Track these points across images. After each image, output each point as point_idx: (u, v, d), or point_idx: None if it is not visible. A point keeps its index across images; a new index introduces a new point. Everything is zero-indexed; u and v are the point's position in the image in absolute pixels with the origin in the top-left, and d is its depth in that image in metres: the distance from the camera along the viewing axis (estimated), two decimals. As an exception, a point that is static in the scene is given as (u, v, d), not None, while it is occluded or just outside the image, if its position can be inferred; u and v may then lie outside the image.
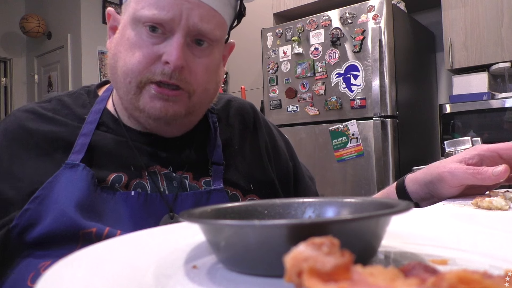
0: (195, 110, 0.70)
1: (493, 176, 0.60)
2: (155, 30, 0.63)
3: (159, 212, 0.65)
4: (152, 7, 0.62)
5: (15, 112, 0.72)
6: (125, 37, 0.66)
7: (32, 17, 4.49)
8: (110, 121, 0.72)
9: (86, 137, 0.67)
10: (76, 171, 0.62)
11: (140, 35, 0.64)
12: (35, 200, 0.60)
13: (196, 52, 0.66)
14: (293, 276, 0.19)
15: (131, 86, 0.65)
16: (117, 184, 0.65)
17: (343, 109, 2.49)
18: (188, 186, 0.70)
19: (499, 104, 2.24)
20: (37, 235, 0.58)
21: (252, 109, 0.87)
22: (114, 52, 0.67)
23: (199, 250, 0.33)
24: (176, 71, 0.63)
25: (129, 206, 0.64)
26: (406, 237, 0.36)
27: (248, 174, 0.77)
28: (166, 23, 0.62)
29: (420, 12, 3.07)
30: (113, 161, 0.67)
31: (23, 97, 4.96)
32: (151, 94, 0.64)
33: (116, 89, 0.70)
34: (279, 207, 0.37)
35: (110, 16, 0.72)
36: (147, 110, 0.65)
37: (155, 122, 0.68)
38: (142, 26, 0.64)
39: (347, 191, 2.44)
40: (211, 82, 0.69)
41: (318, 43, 2.60)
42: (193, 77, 0.65)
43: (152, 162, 0.70)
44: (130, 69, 0.64)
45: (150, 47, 0.63)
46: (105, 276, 0.26)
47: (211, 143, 0.76)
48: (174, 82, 0.64)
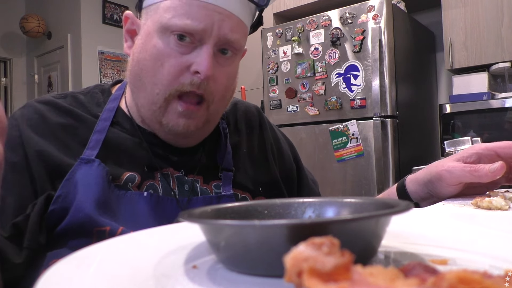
0: (212, 119, 0.70)
1: (490, 173, 0.61)
2: (183, 38, 0.63)
3: (171, 214, 0.65)
4: (184, 17, 0.62)
5: (31, 102, 0.71)
6: (151, 45, 0.65)
7: (32, 17, 4.48)
8: (124, 121, 0.72)
9: (100, 133, 0.67)
10: (92, 166, 0.62)
11: (168, 43, 0.64)
12: (58, 199, 0.60)
13: (221, 61, 0.66)
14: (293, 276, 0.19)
15: (158, 98, 0.65)
16: (130, 184, 0.65)
17: (343, 109, 2.49)
18: (199, 190, 0.71)
19: (499, 104, 2.24)
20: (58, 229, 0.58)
21: (257, 112, 0.88)
22: (138, 59, 0.67)
23: (199, 250, 0.33)
24: (204, 81, 0.63)
25: (141, 206, 0.64)
26: (406, 237, 0.36)
27: (256, 176, 0.78)
28: (197, 33, 0.62)
29: (420, 12, 3.07)
30: (127, 160, 0.67)
31: (23, 97, 4.96)
32: (177, 111, 0.65)
33: (138, 97, 0.69)
34: (279, 207, 0.37)
35: (127, 19, 0.71)
36: (171, 127, 0.66)
37: (174, 136, 0.69)
38: (170, 35, 0.63)
39: (347, 191, 2.44)
40: (228, 91, 0.70)
41: (318, 43, 2.60)
42: (216, 86, 0.66)
43: (164, 165, 0.70)
44: (159, 80, 0.64)
45: (178, 57, 0.63)
46: (105, 276, 0.26)
47: (221, 149, 0.76)
48: (201, 92, 0.64)
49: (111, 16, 4.46)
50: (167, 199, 0.66)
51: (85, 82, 4.20)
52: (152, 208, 0.64)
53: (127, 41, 0.72)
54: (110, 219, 0.60)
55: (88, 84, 0.79)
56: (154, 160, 0.69)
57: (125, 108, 0.74)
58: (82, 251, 0.30)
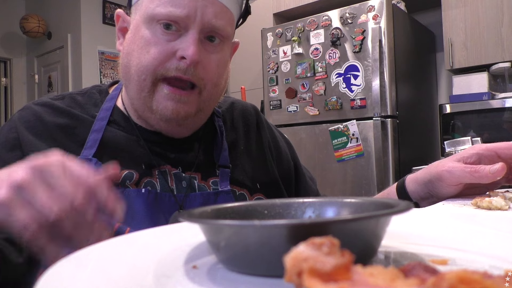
0: (205, 107, 0.70)
1: (490, 174, 0.61)
2: (169, 27, 0.64)
3: (169, 210, 0.66)
4: (167, 5, 0.63)
5: (29, 105, 0.72)
6: (139, 36, 0.66)
7: (32, 17, 4.48)
8: (121, 119, 0.72)
9: (97, 133, 0.68)
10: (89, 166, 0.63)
11: (155, 32, 0.65)
12: None
13: (209, 48, 0.67)
14: (293, 276, 0.19)
15: (145, 83, 0.65)
16: (128, 181, 0.66)
17: (343, 109, 2.49)
18: (197, 186, 0.71)
19: (499, 104, 2.24)
20: None
21: (254, 111, 0.88)
22: (127, 51, 0.68)
23: (199, 250, 0.33)
24: (191, 66, 0.64)
25: (140, 203, 0.64)
26: (406, 237, 0.36)
27: (254, 173, 0.78)
28: (181, 20, 0.63)
29: (420, 12, 3.07)
30: (124, 158, 0.68)
31: (23, 97, 4.96)
32: (164, 94, 0.65)
33: (129, 88, 0.70)
34: (279, 207, 0.37)
35: (119, 17, 0.73)
36: (160, 111, 0.66)
37: (167, 123, 0.68)
38: (156, 24, 0.65)
39: (347, 191, 2.44)
40: (221, 78, 0.70)
41: (318, 43, 2.60)
42: (206, 72, 0.66)
43: (162, 162, 0.70)
44: (145, 66, 0.65)
45: (164, 44, 0.64)
46: (105, 276, 0.26)
47: (218, 146, 0.77)
48: (188, 77, 0.65)
49: (111, 16, 4.45)
50: (165, 195, 0.67)
51: (85, 82, 4.20)
52: (150, 204, 0.65)
53: (119, 39, 0.73)
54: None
55: (88, 84, 0.80)
56: (152, 158, 0.69)
57: (122, 107, 0.74)
58: (82, 251, 0.30)
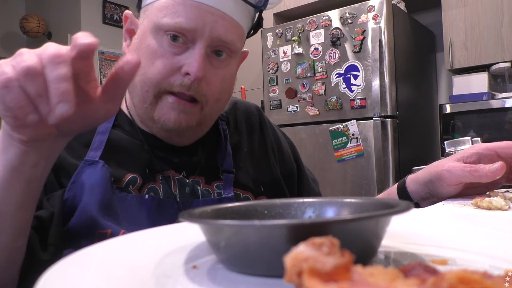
0: (206, 121, 0.70)
1: (490, 173, 0.61)
2: (176, 39, 0.63)
3: (171, 217, 0.65)
4: (176, 16, 0.62)
5: None
6: (145, 44, 0.65)
7: (32, 17, 4.48)
8: (126, 123, 0.72)
9: (103, 134, 0.68)
10: (96, 168, 0.63)
11: (161, 43, 0.63)
12: (66, 203, 0.60)
13: (215, 63, 0.66)
14: (293, 276, 0.19)
15: (148, 95, 0.65)
16: (131, 186, 0.65)
17: (343, 109, 2.49)
18: (201, 192, 0.71)
19: (499, 104, 2.24)
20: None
21: (257, 111, 0.88)
22: None
23: (199, 250, 0.33)
24: (195, 83, 0.63)
25: (143, 209, 0.64)
26: (406, 237, 0.36)
27: (257, 176, 0.78)
28: (189, 33, 0.62)
29: (420, 12, 3.07)
30: (129, 161, 0.67)
31: (23, 97, 4.95)
32: (168, 104, 0.64)
33: (132, 95, 0.69)
34: (279, 207, 0.37)
35: (127, 18, 0.72)
36: (162, 121, 0.65)
37: (168, 133, 0.68)
38: (163, 34, 0.63)
39: (347, 191, 2.43)
40: (224, 93, 0.69)
41: (318, 43, 2.60)
42: (209, 88, 0.65)
43: (166, 167, 0.70)
44: (149, 78, 0.64)
45: (170, 57, 0.63)
46: (105, 276, 0.26)
47: (222, 151, 0.76)
48: (191, 93, 0.63)
49: (111, 16, 4.45)
50: (167, 202, 0.66)
51: (85, 82, 4.19)
52: (152, 211, 0.65)
53: (126, 40, 0.72)
54: (112, 222, 0.60)
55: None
56: (156, 162, 0.69)
57: (126, 110, 0.74)
58: (82, 251, 0.30)
